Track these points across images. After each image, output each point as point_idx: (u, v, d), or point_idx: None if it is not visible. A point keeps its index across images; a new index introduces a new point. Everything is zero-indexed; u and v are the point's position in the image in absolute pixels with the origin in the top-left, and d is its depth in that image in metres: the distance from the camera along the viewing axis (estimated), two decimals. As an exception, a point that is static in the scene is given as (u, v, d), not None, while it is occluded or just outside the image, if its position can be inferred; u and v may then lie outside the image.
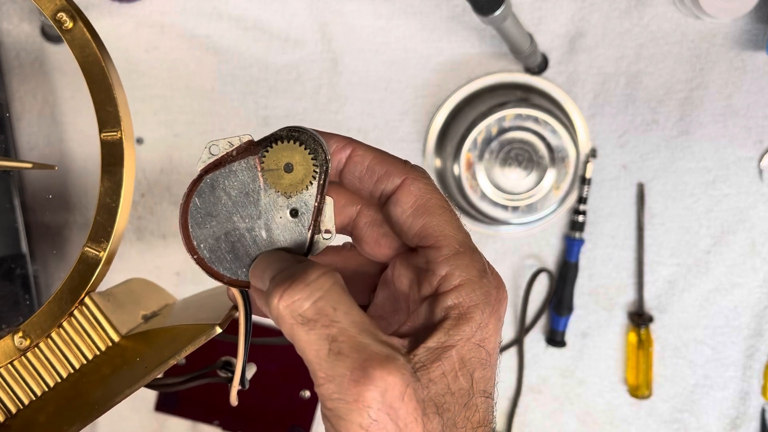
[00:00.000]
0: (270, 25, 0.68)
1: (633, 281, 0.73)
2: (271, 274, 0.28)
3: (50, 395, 0.37)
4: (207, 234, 0.31)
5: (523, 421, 0.74)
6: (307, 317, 0.27)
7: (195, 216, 0.31)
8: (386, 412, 0.26)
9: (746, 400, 0.75)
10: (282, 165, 0.30)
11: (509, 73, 0.70)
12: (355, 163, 0.31)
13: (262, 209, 0.30)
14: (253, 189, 0.30)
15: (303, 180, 0.30)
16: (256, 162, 0.30)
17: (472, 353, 0.28)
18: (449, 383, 0.27)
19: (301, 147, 0.31)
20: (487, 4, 0.57)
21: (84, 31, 0.35)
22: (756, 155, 0.72)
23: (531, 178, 0.66)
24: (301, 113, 0.70)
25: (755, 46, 0.71)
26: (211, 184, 0.30)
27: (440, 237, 0.30)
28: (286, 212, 0.30)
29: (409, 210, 0.30)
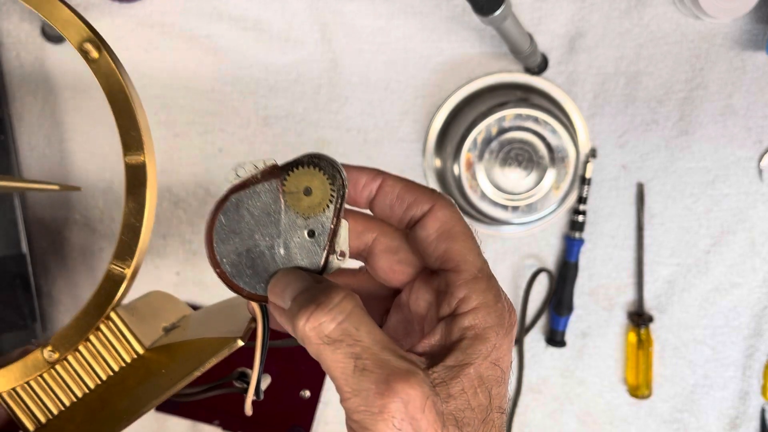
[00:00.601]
0: (270, 26, 0.68)
1: (633, 281, 0.73)
2: (292, 294, 0.30)
3: (78, 406, 0.38)
4: (230, 250, 0.33)
5: (522, 420, 0.74)
6: (333, 338, 0.28)
7: (219, 233, 0.33)
8: (409, 422, 0.27)
9: (746, 400, 0.75)
10: (302, 188, 0.32)
11: (509, 73, 0.70)
12: (386, 193, 0.33)
13: (281, 229, 0.32)
14: (274, 210, 0.32)
15: (320, 203, 0.32)
16: (279, 185, 0.32)
17: (489, 371, 0.30)
18: (469, 399, 0.29)
19: (320, 172, 0.32)
20: (487, 5, 0.57)
21: (109, 61, 0.37)
22: (756, 155, 0.72)
23: (531, 178, 0.66)
24: (302, 113, 0.70)
25: (755, 46, 0.71)
26: (236, 204, 0.33)
27: (461, 261, 0.32)
28: (303, 233, 0.32)
29: (434, 234, 0.32)
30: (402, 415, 0.27)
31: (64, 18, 0.37)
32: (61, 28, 0.37)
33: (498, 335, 0.30)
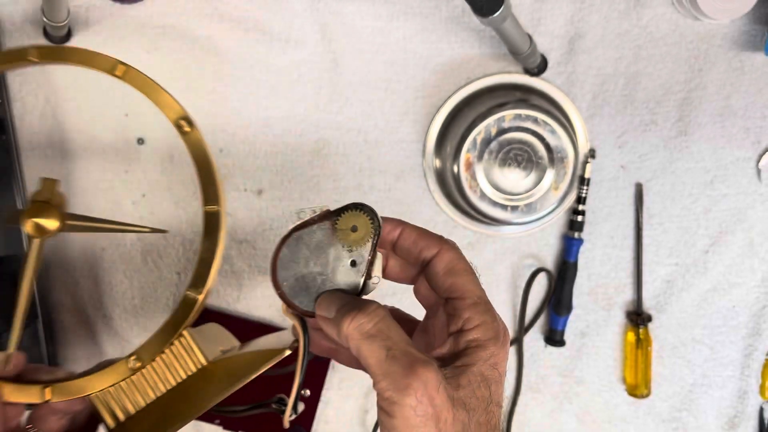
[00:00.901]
0: (271, 27, 0.68)
1: (631, 281, 0.73)
2: (336, 307, 0.39)
3: (150, 407, 0.46)
4: (289, 275, 0.42)
5: (522, 420, 0.75)
6: (371, 334, 0.37)
7: (282, 261, 0.42)
8: (428, 398, 0.35)
9: (744, 399, 0.75)
10: (350, 227, 0.41)
11: (508, 74, 0.70)
12: (405, 239, 0.42)
13: (330, 259, 0.42)
14: (326, 244, 0.42)
15: (364, 237, 0.41)
16: (330, 225, 0.42)
17: (489, 371, 0.38)
18: (474, 390, 0.37)
19: (363, 215, 0.41)
20: (487, 6, 0.57)
21: (198, 134, 0.47)
22: (754, 155, 0.73)
23: (530, 178, 0.67)
24: (302, 114, 0.70)
25: (753, 46, 0.71)
26: (297, 239, 0.42)
27: (464, 291, 0.40)
28: (347, 262, 0.42)
29: (442, 272, 0.40)
30: (422, 392, 0.35)
31: (165, 102, 0.49)
32: (162, 107, 0.48)
33: (495, 346, 0.38)
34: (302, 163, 0.71)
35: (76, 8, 0.68)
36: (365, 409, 0.74)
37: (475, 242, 0.72)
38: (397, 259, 0.44)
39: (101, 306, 0.71)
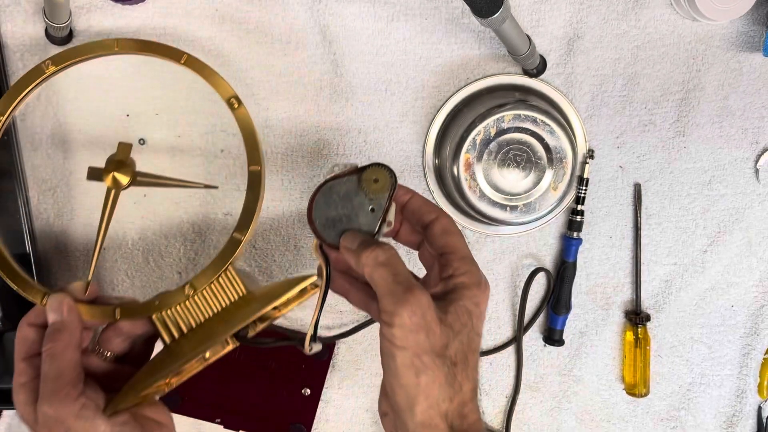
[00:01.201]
0: (271, 28, 0.69)
1: (630, 280, 0.74)
2: (358, 242, 0.50)
3: (197, 327, 0.56)
4: (321, 215, 0.52)
5: (521, 419, 0.75)
6: (383, 263, 0.47)
7: (316, 205, 0.53)
8: (420, 312, 0.45)
9: (742, 398, 0.75)
10: (373, 179, 0.52)
11: (508, 75, 0.70)
12: (413, 203, 0.53)
13: (354, 205, 0.52)
14: (352, 193, 0.52)
15: (383, 189, 0.52)
16: (357, 178, 0.52)
17: (472, 307, 0.47)
18: (459, 317, 0.47)
19: (384, 170, 0.52)
20: (486, 7, 0.58)
21: (245, 110, 0.59)
22: (752, 156, 0.73)
23: (529, 178, 0.67)
24: (303, 115, 0.70)
25: (752, 47, 0.71)
26: (329, 188, 0.53)
27: (456, 248, 0.50)
28: (368, 209, 0.52)
29: (438, 233, 0.51)
30: (416, 307, 0.45)
31: (219, 83, 0.60)
32: (216, 88, 0.60)
33: (478, 289, 0.48)
34: (303, 164, 0.71)
35: (77, 9, 0.68)
36: (365, 408, 0.74)
37: (474, 242, 0.73)
38: (407, 225, 0.54)
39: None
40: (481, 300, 0.48)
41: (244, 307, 0.56)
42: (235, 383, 0.73)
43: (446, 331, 0.46)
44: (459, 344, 0.46)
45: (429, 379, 0.45)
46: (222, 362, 0.72)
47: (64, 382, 0.51)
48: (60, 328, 0.53)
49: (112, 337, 0.56)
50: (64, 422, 0.50)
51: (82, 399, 0.51)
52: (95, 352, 0.56)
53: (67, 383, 0.51)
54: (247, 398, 0.73)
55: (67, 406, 0.50)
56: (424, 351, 0.45)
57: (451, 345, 0.46)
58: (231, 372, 0.73)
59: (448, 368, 0.46)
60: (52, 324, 0.54)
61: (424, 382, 0.45)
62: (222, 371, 0.73)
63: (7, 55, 0.68)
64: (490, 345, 0.74)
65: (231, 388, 0.73)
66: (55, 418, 0.50)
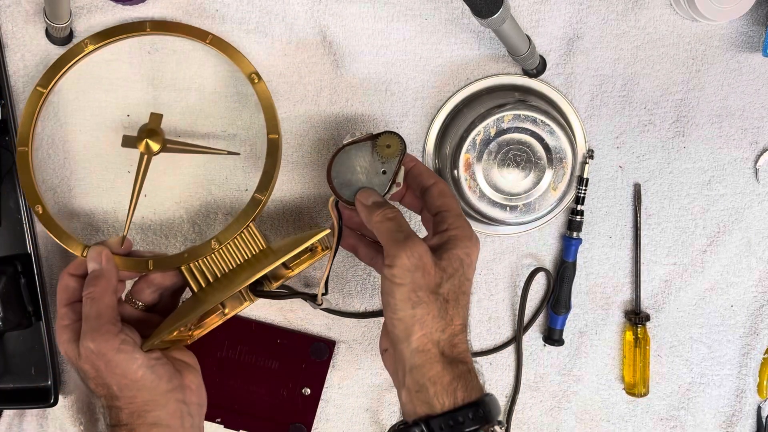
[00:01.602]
0: (272, 28, 0.69)
1: (629, 280, 0.74)
2: (372, 200, 0.58)
3: (221, 278, 0.63)
4: (338, 174, 0.60)
5: (521, 418, 0.75)
6: (390, 218, 0.56)
7: (334, 166, 0.60)
8: (418, 255, 0.53)
9: (742, 398, 0.75)
10: (385, 144, 0.59)
11: (507, 76, 0.70)
12: (416, 168, 0.61)
13: (368, 167, 0.60)
14: (366, 156, 0.60)
15: (394, 153, 0.59)
16: (372, 143, 0.60)
17: (463, 256, 0.55)
18: (451, 263, 0.54)
19: (396, 137, 0.59)
20: (486, 7, 0.58)
21: (264, 85, 0.66)
22: (751, 156, 0.73)
23: (529, 178, 0.67)
24: (303, 115, 0.70)
25: (751, 47, 0.72)
26: (347, 152, 0.60)
27: (450, 207, 0.57)
28: (380, 170, 0.60)
29: (436, 195, 0.58)
30: (415, 251, 0.53)
31: (241, 60, 0.66)
32: (239, 64, 0.66)
33: (470, 242, 0.55)
34: (302, 164, 0.71)
35: (77, 9, 0.68)
36: (366, 408, 0.74)
37: (474, 242, 0.73)
38: (410, 191, 0.62)
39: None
40: (471, 251, 0.55)
41: (264, 259, 0.62)
42: (236, 383, 0.73)
43: (440, 273, 0.53)
44: (451, 285, 0.53)
45: (424, 311, 0.52)
46: (223, 362, 0.73)
47: (104, 320, 0.57)
48: (99, 275, 0.60)
49: (144, 288, 0.63)
50: (105, 355, 0.56)
51: (122, 335, 0.57)
52: (128, 302, 0.63)
53: (107, 321, 0.57)
54: (248, 398, 0.73)
55: (108, 341, 0.56)
56: (420, 287, 0.52)
57: (443, 284, 0.53)
58: (231, 371, 0.73)
59: (441, 303, 0.53)
60: (92, 272, 0.60)
61: (419, 314, 0.52)
62: (222, 371, 0.73)
63: (8, 55, 0.69)
64: (490, 345, 0.74)
65: (231, 387, 0.73)
66: (97, 352, 0.56)
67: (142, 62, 0.69)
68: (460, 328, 0.54)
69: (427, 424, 0.51)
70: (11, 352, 0.71)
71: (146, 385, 0.57)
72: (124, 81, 0.69)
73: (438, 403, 0.51)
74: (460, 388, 0.52)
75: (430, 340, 0.52)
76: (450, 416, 0.51)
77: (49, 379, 0.70)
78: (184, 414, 0.59)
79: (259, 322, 0.73)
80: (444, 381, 0.52)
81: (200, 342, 0.73)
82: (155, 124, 0.64)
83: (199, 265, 0.63)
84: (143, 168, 0.64)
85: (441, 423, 0.51)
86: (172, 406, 0.58)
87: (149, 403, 0.57)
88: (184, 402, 0.59)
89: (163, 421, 0.57)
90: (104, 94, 0.69)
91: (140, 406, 0.57)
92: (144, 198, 0.70)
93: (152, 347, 0.58)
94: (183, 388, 0.59)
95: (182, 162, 0.70)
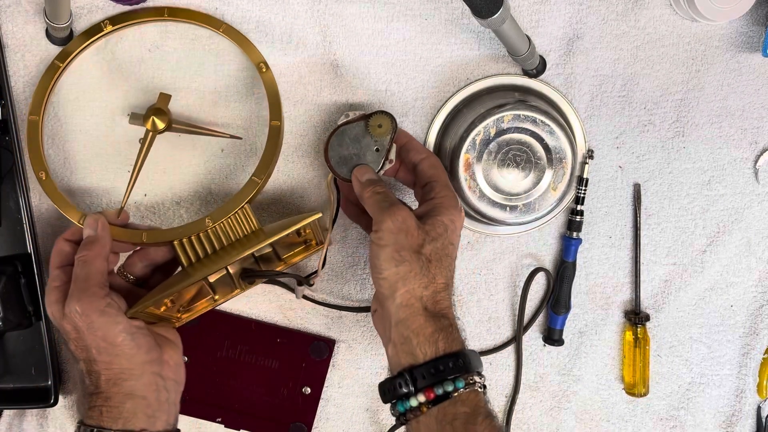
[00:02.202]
0: (272, 28, 0.69)
1: (629, 280, 0.74)
2: (366, 178, 0.62)
3: (212, 255, 0.64)
4: (335, 153, 0.64)
5: (521, 418, 0.75)
6: (378, 192, 0.60)
7: (331, 146, 0.64)
8: (402, 218, 0.57)
9: (742, 398, 0.75)
10: (377, 124, 0.63)
11: (507, 76, 0.70)
12: (408, 144, 0.65)
13: (362, 145, 0.63)
14: (360, 136, 0.63)
15: (386, 132, 0.63)
16: (365, 123, 0.63)
17: (448, 222, 0.58)
18: (435, 227, 0.57)
19: (387, 117, 0.63)
20: (486, 7, 0.58)
21: (271, 74, 0.67)
22: (751, 156, 0.73)
23: (529, 178, 0.67)
24: (303, 115, 0.71)
25: (751, 47, 0.72)
26: (342, 131, 0.64)
27: (438, 178, 0.61)
28: (373, 148, 0.63)
29: (426, 167, 0.62)
30: (399, 215, 0.57)
31: (251, 50, 0.67)
32: (249, 54, 0.67)
33: (455, 209, 0.59)
34: (303, 164, 0.71)
35: (78, 10, 0.68)
36: (366, 407, 0.74)
37: (474, 242, 0.73)
38: (404, 167, 0.65)
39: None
40: (456, 218, 0.58)
41: (255, 239, 0.63)
42: (236, 382, 0.73)
43: (422, 235, 0.57)
44: (434, 247, 0.57)
45: (406, 269, 0.56)
46: (223, 361, 0.73)
47: (92, 283, 0.58)
48: (93, 240, 0.61)
49: (136, 262, 0.65)
50: (89, 316, 0.57)
51: (108, 299, 0.58)
52: (119, 274, 0.65)
53: (95, 284, 0.58)
54: (248, 397, 0.73)
55: (93, 302, 0.57)
56: (403, 247, 0.56)
57: (426, 245, 0.56)
58: (232, 371, 0.73)
59: (424, 262, 0.56)
60: (86, 237, 0.62)
61: (402, 271, 0.56)
62: (223, 371, 0.73)
63: (9, 55, 0.69)
64: (490, 345, 0.74)
65: (232, 387, 0.73)
66: (82, 312, 0.57)
67: (156, 47, 0.69)
68: (443, 286, 0.57)
69: (410, 373, 0.54)
70: (11, 352, 0.71)
71: (125, 351, 0.57)
72: (137, 64, 0.69)
73: (421, 352, 0.54)
74: (441, 339, 0.55)
75: (413, 296, 0.56)
76: (432, 364, 0.54)
77: (49, 379, 0.70)
78: (160, 387, 0.59)
79: (259, 321, 0.73)
80: (426, 332, 0.55)
81: (201, 342, 0.73)
82: (163, 103, 0.66)
83: (191, 240, 0.64)
84: (147, 144, 0.65)
85: (423, 371, 0.54)
86: (148, 377, 0.58)
87: (125, 372, 0.58)
88: (160, 376, 0.59)
89: (138, 391, 0.58)
90: (105, 94, 0.69)
91: (116, 373, 0.57)
92: (144, 197, 0.70)
93: (136, 315, 0.60)
94: (161, 363, 0.60)
95: (179, 151, 0.70)
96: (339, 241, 0.73)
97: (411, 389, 0.54)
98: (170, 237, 0.64)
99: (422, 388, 0.54)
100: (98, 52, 0.69)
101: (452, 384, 0.53)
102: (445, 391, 0.53)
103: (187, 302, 0.66)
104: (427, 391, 0.53)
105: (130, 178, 0.65)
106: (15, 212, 0.69)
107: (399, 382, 0.55)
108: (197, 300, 0.66)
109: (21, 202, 0.69)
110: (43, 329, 0.70)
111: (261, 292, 0.73)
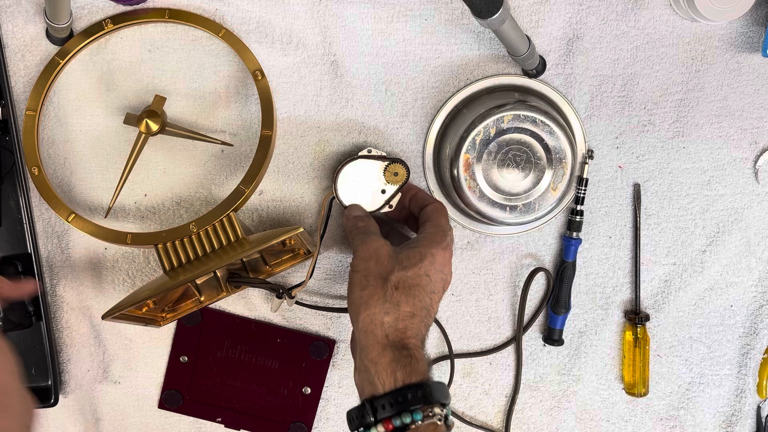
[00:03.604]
0: (272, 28, 0.69)
1: (629, 280, 0.74)
2: (356, 214, 0.65)
3: (195, 261, 0.64)
4: (344, 179, 0.66)
5: (521, 418, 0.75)
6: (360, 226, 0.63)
7: (344, 170, 0.66)
8: (373, 248, 0.59)
9: (741, 398, 0.75)
10: (394, 171, 0.66)
11: (507, 76, 0.70)
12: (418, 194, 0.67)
13: (371, 183, 0.66)
14: (374, 174, 0.66)
15: (398, 181, 0.66)
16: (382, 165, 0.66)
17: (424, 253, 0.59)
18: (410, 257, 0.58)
19: (404, 168, 0.66)
20: (486, 8, 0.58)
21: (266, 82, 0.67)
22: (751, 156, 0.73)
23: (529, 178, 0.67)
24: (303, 115, 0.71)
25: (751, 47, 0.72)
26: (358, 162, 0.66)
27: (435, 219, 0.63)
28: (379, 190, 0.66)
29: (429, 209, 0.64)
30: (370, 244, 0.59)
31: (248, 57, 0.67)
32: (245, 60, 0.67)
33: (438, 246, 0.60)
34: (303, 165, 0.71)
35: (78, 10, 0.68)
36: (365, 408, 0.74)
37: (474, 242, 0.73)
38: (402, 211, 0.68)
39: (105, 305, 0.71)
40: (437, 252, 0.59)
41: (238, 248, 0.63)
42: (236, 382, 0.73)
43: (393, 263, 0.58)
44: (403, 275, 0.57)
45: (369, 293, 0.57)
46: (223, 361, 0.73)
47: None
48: None
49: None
50: None
51: None
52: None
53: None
54: (248, 397, 0.73)
55: None
56: (370, 273, 0.58)
57: (395, 273, 0.57)
58: (231, 371, 0.73)
59: (389, 289, 0.57)
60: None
61: (365, 295, 0.57)
62: (222, 371, 0.73)
63: (9, 56, 0.69)
64: (490, 345, 0.75)
65: (232, 387, 0.73)
66: None
67: (156, 47, 0.69)
68: (408, 314, 0.57)
69: (371, 403, 0.54)
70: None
71: None
72: (137, 65, 0.69)
73: (379, 383, 0.54)
74: (399, 369, 0.54)
75: (373, 321, 0.56)
76: (392, 396, 0.53)
77: (49, 379, 0.70)
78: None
79: (259, 321, 0.73)
80: (383, 361, 0.55)
81: (201, 342, 0.73)
82: (157, 106, 0.67)
83: (174, 245, 0.65)
84: (139, 146, 0.66)
85: (384, 402, 0.53)
86: None
87: None
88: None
89: None
90: (105, 94, 0.69)
91: None
92: (144, 197, 0.70)
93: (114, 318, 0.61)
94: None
95: (179, 152, 0.70)
96: (338, 241, 0.73)
97: (371, 420, 0.54)
98: (154, 240, 0.65)
99: (381, 419, 0.53)
100: (98, 52, 0.69)
101: (410, 416, 0.52)
102: (402, 423, 0.52)
103: (172, 303, 0.66)
104: (385, 423, 0.53)
105: (120, 179, 0.66)
106: (15, 212, 0.69)
107: (362, 412, 0.54)
108: (182, 301, 0.67)
109: (21, 202, 0.69)
110: (43, 329, 0.70)
111: (261, 293, 0.73)
